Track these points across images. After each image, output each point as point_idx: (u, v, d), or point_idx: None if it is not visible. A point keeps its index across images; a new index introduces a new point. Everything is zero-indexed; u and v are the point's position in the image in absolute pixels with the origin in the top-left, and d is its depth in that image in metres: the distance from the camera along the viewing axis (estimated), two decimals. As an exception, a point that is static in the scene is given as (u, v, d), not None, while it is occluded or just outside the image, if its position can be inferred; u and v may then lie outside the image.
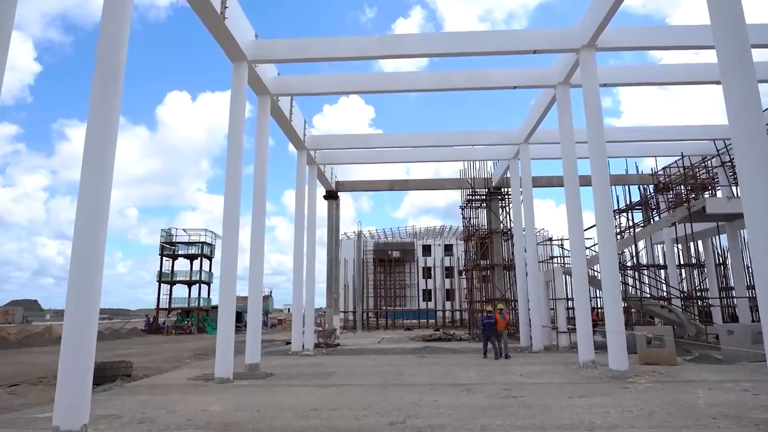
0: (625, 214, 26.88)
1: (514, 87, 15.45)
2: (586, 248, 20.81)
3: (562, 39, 13.26)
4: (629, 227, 25.84)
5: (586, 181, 26.88)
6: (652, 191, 26.37)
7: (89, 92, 7.81)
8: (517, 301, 22.96)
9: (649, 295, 21.79)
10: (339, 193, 28.02)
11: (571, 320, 18.95)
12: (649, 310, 19.28)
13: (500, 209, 27.23)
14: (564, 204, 14.76)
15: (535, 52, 13.31)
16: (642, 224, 25.92)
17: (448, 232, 65.63)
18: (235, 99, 13.29)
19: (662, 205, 25.21)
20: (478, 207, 28.28)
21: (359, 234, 42.91)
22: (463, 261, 31.52)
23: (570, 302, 20.47)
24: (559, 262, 23.82)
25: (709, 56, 14.73)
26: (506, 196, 26.93)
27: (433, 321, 46.05)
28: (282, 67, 15.82)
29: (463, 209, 29.26)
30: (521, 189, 21.25)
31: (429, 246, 64.31)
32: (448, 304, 52.12)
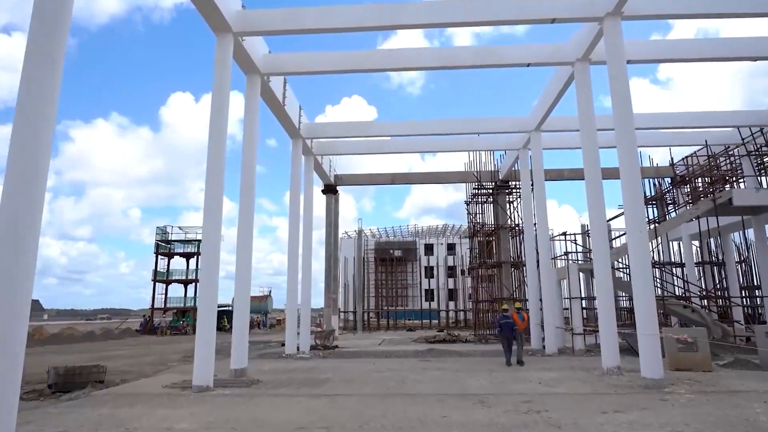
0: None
1: (528, 65, 14.04)
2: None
3: (584, 6, 11.84)
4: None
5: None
6: (668, 184, 24.92)
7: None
8: (527, 300, 21.52)
9: (670, 295, 20.31)
10: (338, 189, 26.63)
11: (586, 321, 17.52)
12: (670, 310, 17.83)
13: (507, 204, 25.81)
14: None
15: (553, 21, 11.89)
16: (657, 220, 24.48)
17: (450, 231, 64.27)
18: (220, 76, 11.89)
19: (680, 199, 23.78)
20: (484, 202, 26.85)
21: (360, 232, 41.51)
22: (468, 259, 30.06)
23: (585, 302, 19.04)
24: (573, 258, 22.36)
25: (754, 27, 13.34)
26: (514, 190, 25.50)
27: (436, 321, 44.64)
28: (274, 46, 14.45)
29: (468, 204, 27.83)
30: (531, 181, 19.85)
31: (431, 245, 62.98)
32: (451, 305, 50.68)
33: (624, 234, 20.96)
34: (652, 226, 23.11)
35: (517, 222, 24.81)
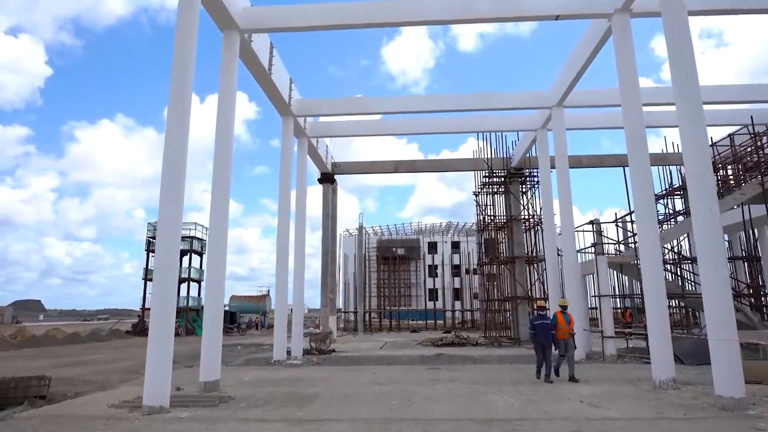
0: (662, 200, 23.22)
1: (556, 17, 11.78)
2: (631, 234, 17.13)
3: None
4: (672, 215, 22.13)
5: (618, 161, 23.20)
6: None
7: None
8: (547, 299, 19.27)
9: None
10: (337, 180, 24.41)
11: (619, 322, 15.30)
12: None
13: (521, 194, 23.55)
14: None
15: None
16: (683, 213, 22.17)
17: (454, 229, 62.02)
18: (183, 32, 9.62)
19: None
20: (495, 192, 24.58)
21: (360, 228, 39.28)
22: (476, 256, 27.75)
23: (614, 300, 16.71)
24: (603, 250, 20.05)
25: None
26: (528, 179, 23.25)
27: (441, 322, 42.40)
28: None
29: (477, 196, 25.59)
30: (542, 171, 17.63)
31: (435, 243, 60.74)
32: (457, 304, 48.41)
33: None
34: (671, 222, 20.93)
35: (531, 213, 22.57)
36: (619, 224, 20.91)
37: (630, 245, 18.25)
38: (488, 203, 24.84)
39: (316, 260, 24.43)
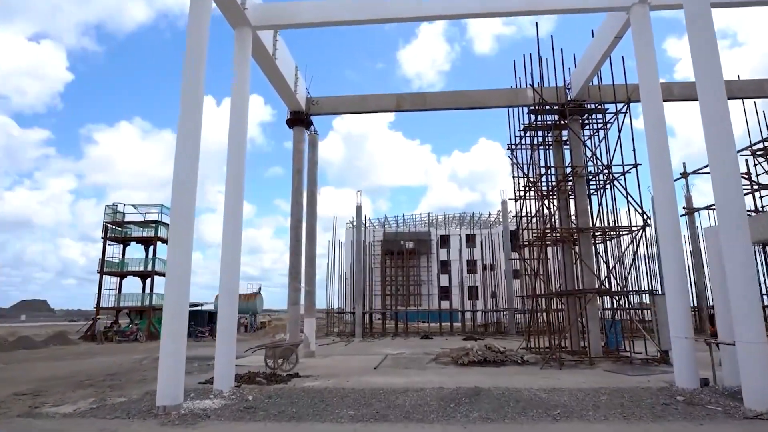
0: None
1: None
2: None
3: None
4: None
5: (735, 89, 15.66)
6: None
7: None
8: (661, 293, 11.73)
9: None
10: (313, 119, 17.06)
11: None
12: None
13: (581, 141, 16.06)
14: None
15: None
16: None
17: (469, 221, 54.61)
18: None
19: None
20: (541, 143, 17.08)
21: (359, 209, 31.95)
22: (517, 229, 19.79)
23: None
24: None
25: None
26: (596, 115, 15.77)
27: (457, 324, 34.95)
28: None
29: (514, 148, 18.14)
30: (627, 99, 10.21)
31: (447, 236, 53.40)
32: (470, 304, 40.87)
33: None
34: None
35: (601, 165, 15.06)
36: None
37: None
38: (531, 160, 17.35)
39: (322, 258, 17.11)
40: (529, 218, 16.92)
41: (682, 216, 11.73)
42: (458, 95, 16.86)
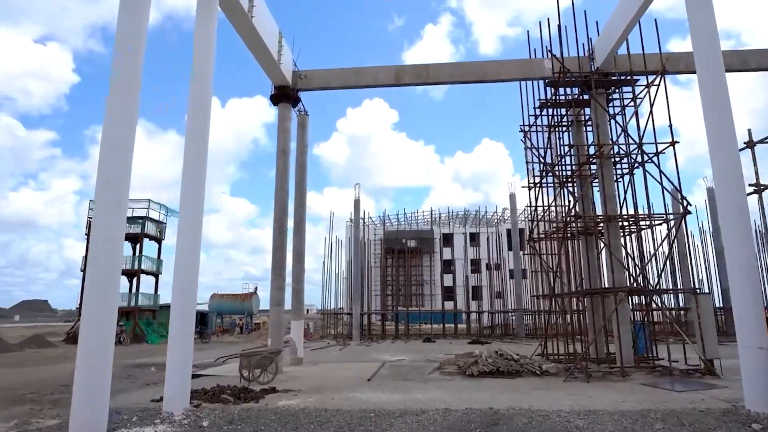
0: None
1: None
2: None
3: None
4: None
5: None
6: None
7: None
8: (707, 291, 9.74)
9: None
10: (301, 95, 15.06)
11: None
12: None
13: (610, 115, 14.03)
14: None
15: None
16: None
17: (474, 218, 52.54)
18: None
19: None
20: (559, 124, 15.06)
21: (357, 202, 29.95)
22: (532, 220, 17.57)
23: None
24: None
25: None
26: (623, 90, 13.74)
27: (463, 326, 32.93)
28: None
29: (528, 130, 16.14)
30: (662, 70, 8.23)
31: (451, 235, 51.39)
32: (474, 305, 38.85)
33: None
34: None
35: (633, 143, 13.02)
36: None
37: None
38: (547, 143, 15.33)
39: (313, 257, 15.08)
40: (546, 208, 14.88)
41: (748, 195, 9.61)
42: (466, 67, 14.82)
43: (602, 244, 14.89)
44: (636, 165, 13.22)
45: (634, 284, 11.87)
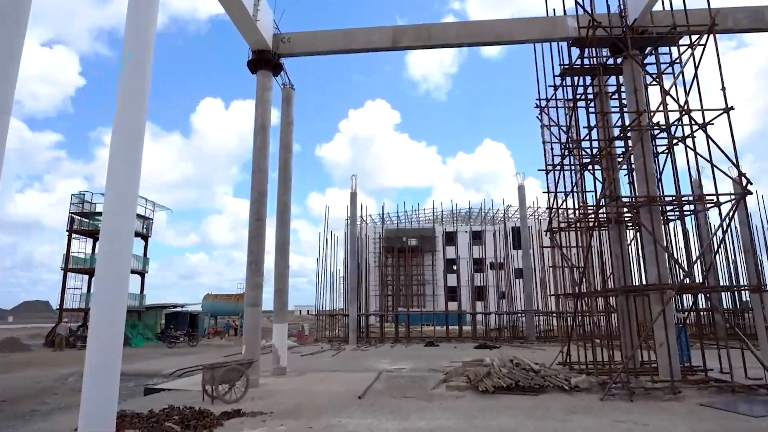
0: None
1: None
2: None
3: None
4: None
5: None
6: None
7: None
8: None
9: None
10: (284, 62, 12.98)
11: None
12: None
13: (654, 78, 11.93)
14: None
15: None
16: None
17: (477, 216, 50.36)
18: None
19: None
20: (582, 96, 12.94)
21: (353, 195, 27.88)
22: (550, 209, 15.15)
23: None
24: None
25: None
26: (666, 46, 11.62)
27: (468, 328, 30.80)
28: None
29: (545, 105, 14.04)
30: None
31: (453, 233, 49.23)
32: (479, 305, 36.67)
33: None
34: None
35: (679, 110, 10.89)
36: None
37: None
38: (567, 119, 13.23)
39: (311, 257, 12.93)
40: (569, 192, 12.76)
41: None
42: (476, 26, 12.64)
43: (631, 235, 12.81)
44: (675, 141, 11.12)
45: (686, 280, 9.74)
